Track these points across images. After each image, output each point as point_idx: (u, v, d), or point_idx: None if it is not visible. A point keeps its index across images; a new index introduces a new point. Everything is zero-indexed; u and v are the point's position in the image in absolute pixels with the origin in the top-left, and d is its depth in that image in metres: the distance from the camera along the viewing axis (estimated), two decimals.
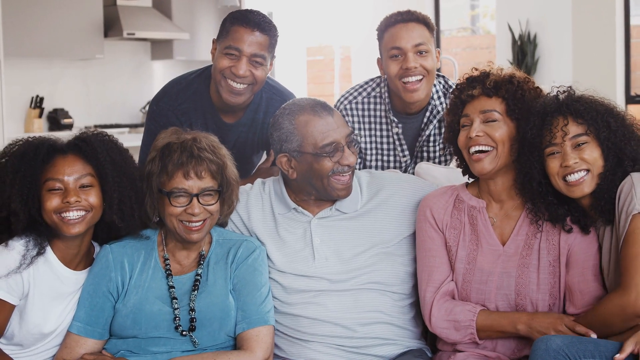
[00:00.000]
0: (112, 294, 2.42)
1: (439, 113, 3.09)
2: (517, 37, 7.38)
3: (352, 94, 3.20)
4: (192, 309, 2.38)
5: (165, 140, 2.47)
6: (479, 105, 2.43)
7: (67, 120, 7.23)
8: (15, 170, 2.30)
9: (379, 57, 3.12)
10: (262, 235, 2.60)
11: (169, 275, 2.44)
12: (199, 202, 2.40)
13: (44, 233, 2.34)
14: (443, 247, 2.50)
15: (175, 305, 2.39)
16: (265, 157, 3.15)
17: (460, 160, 2.55)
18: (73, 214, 2.31)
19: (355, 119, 3.17)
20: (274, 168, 2.95)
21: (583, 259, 2.37)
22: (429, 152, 3.15)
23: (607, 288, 2.34)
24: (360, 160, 3.18)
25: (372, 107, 3.17)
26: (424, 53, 3.00)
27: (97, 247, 2.50)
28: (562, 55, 7.12)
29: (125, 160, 2.43)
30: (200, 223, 2.42)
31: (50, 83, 7.34)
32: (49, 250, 2.36)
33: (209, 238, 2.53)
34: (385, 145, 3.17)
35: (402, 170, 3.15)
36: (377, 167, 3.18)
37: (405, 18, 3.03)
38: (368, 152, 3.18)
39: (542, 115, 2.34)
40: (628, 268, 2.17)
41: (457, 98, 2.50)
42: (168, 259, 2.47)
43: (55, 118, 7.23)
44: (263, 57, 2.90)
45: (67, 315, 2.40)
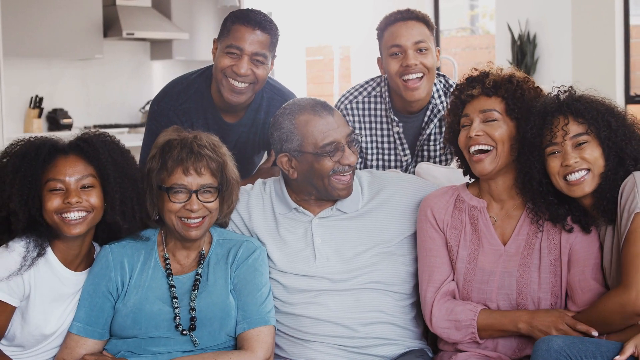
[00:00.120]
0: (111, 294, 2.41)
1: (440, 112, 3.10)
2: (516, 37, 7.37)
3: (352, 94, 3.20)
4: (192, 308, 2.38)
5: (166, 138, 2.47)
6: (479, 105, 2.43)
7: (66, 121, 7.23)
8: (16, 170, 2.30)
9: (379, 56, 3.12)
10: (262, 236, 2.60)
11: (169, 275, 2.44)
12: (198, 198, 2.40)
13: (45, 234, 2.33)
14: (444, 247, 2.50)
15: (176, 305, 2.39)
16: (266, 157, 3.15)
17: (462, 161, 2.55)
18: (74, 215, 2.31)
19: (356, 119, 3.17)
20: (275, 168, 2.95)
21: (584, 257, 2.37)
22: (430, 151, 3.15)
23: (608, 287, 2.34)
24: (361, 160, 3.18)
25: (372, 106, 3.17)
26: (424, 51, 3.00)
27: (97, 247, 2.50)
28: (561, 56, 7.12)
29: (127, 161, 2.42)
30: (199, 220, 2.41)
31: (50, 83, 7.33)
32: (50, 252, 2.35)
33: (209, 238, 2.53)
34: (386, 145, 3.17)
35: (403, 170, 3.15)
36: (378, 166, 3.18)
37: (405, 16, 3.04)
38: (369, 151, 3.18)
39: (542, 115, 2.34)
40: (629, 266, 2.17)
41: (457, 98, 2.51)
42: (168, 259, 2.47)
43: (55, 118, 7.22)
44: (264, 55, 2.91)
45: (68, 316, 2.39)
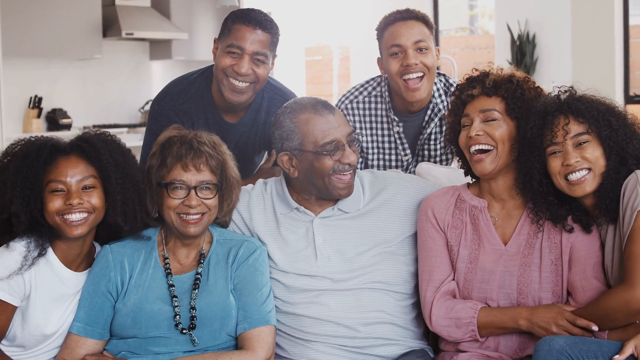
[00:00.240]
0: (111, 294, 2.41)
1: (440, 111, 3.10)
2: (516, 37, 7.37)
3: (352, 94, 3.20)
4: (192, 307, 2.38)
5: (167, 135, 2.48)
6: (479, 105, 2.44)
7: (65, 121, 7.22)
8: (17, 172, 2.29)
9: (379, 56, 3.12)
10: (263, 236, 2.60)
11: (169, 274, 2.43)
12: (197, 195, 2.40)
13: (46, 234, 2.32)
14: (444, 247, 2.50)
15: (176, 304, 2.38)
16: (267, 157, 3.15)
17: (463, 161, 2.55)
18: (75, 216, 2.31)
19: (357, 119, 3.17)
20: (276, 168, 2.95)
21: (585, 256, 2.37)
22: (430, 150, 3.15)
23: (610, 285, 2.34)
24: (362, 160, 3.18)
25: (372, 106, 3.17)
26: (424, 50, 3.00)
27: (98, 247, 2.50)
28: (561, 56, 7.12)
29: (128, 161, 2.42)
30: (198, 217, 2.41)
31: (49, 83, 7.32)
32: (50, 252, 2.34)
33: (210, 237, 2.53)
34: (387, 145, 3.17)
35: (403, 169, 3.15)
36: (379, 166, 3.19)
37: (405, 16, 3.04)
38: (370, 151, 3.18)
39: (542, 115, 2.34)
40: (633, 264, 2.17)
41: (457, 98, 2.51)
42: (167, 258, 2.47)
43: (54, 118, 7.21)
44: (265, 55, 2.91)
45: (68, 316, 2.39)
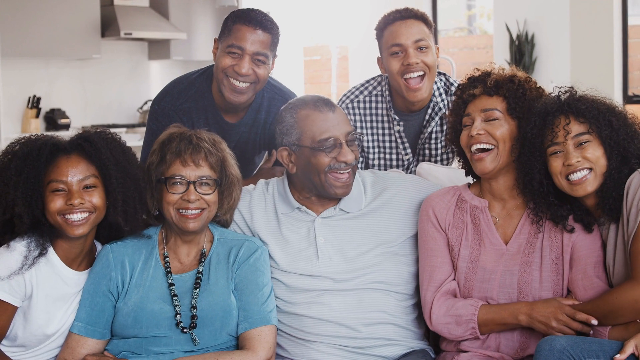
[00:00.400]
0: (112, 294, 2.41)
1: (441, 110, 3.10)
2: (514, 37, 7.38)
3: (353, 93, 3.20)
4: (193, 307, 2.38)
5: (167, 133, 2.49)
6: (480, 104, 2.44)
7: (64, 120, 7.21)
8: (19, 172, 2.29)
9: (379, 56, 3.12)
10: (264, 236, 2.60)
11: (169, 273, 2.43)
12: (196, 190, 2.40)
13: (47, 233, 2.32)
14: (445, 247, 2.50)
15: (176, 302, 2.38)
16: (267, 157, 3.14)
17: (464, 161, 2.55)
18: (77, 216, 2.30)
19: (357, 118, 3.17)
20: (276, 168, 2.95)
21: (586, 255, 2.38)
22: (431, 149, 3.15)
23: (611, 284, 2.34)
24: (363, 159, 3.18)
25: (373, 105, 3.17)
26: (424, 49, 3.00)
27: (98, 245, 2.50)
28: (559, 55, 7.12)
29: (129, 160, 2.42)
30: (197, 212, 2.41)
31: (48, 83, 7.31)
32: (51, 251, 2.34)
33: (211, 237, 2.53)
34: (388, 144, 3.17)
35: (404, 168, 3.15)
36: (379, 165, 3.19)
37: (404, 15, 3.04)
38: (370, 150, 3.18)
39: (543, 115, 2.34)
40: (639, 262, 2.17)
41: (459, 98, 2.52)
42: (167, 257, 2.46)
43: (52, 118, 7.20)
44: (265, 55, 2.91)
45: (69, 316, 2.39)
